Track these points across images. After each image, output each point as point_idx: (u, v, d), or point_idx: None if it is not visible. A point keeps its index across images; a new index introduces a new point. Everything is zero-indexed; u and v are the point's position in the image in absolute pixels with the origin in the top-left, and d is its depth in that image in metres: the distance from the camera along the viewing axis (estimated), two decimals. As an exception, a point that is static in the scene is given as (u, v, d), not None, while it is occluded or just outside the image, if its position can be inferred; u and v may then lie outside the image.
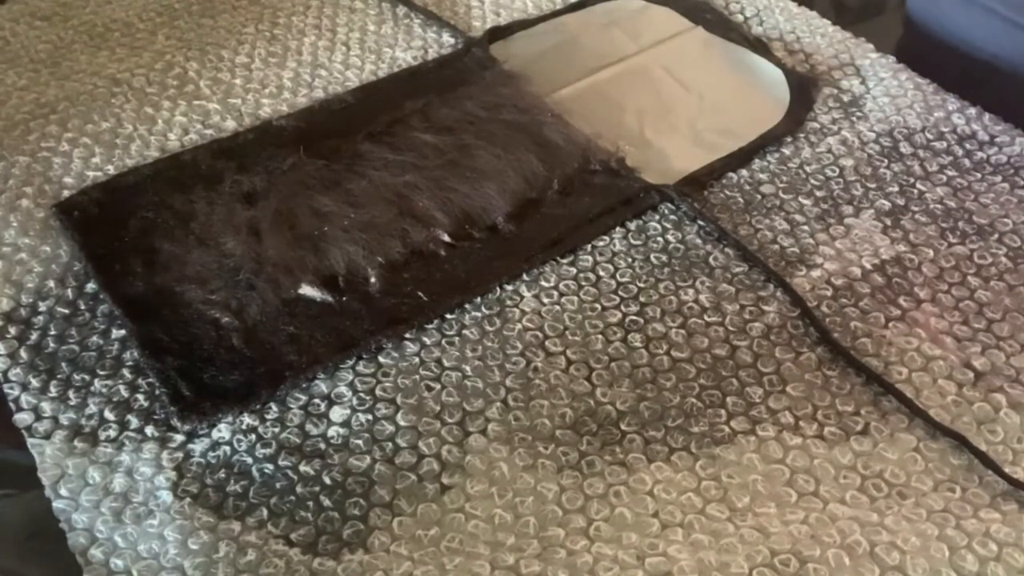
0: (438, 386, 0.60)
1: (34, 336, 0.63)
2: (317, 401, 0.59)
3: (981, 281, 0.66)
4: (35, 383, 0.60)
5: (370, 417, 0.58)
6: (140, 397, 0.60)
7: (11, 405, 0.59)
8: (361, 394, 0.60)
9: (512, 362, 0.61)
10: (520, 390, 0.60)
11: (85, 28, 0.90)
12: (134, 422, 0.58)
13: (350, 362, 0.61)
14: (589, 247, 0.69)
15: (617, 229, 0.70)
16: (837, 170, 0.75)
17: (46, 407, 0.59)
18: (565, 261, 0.68)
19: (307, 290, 0.65)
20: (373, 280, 0.65)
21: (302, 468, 0.56)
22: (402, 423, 0.58)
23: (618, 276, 0.67)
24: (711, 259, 0.68)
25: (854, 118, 0.79)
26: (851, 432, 0.57)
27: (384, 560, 0.52)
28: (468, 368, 0.61)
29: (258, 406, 0.59)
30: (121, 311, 0.63)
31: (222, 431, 0.58)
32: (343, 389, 0.60)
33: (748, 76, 0.85)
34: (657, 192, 0.72)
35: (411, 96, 0.80)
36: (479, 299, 0.65)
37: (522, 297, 0.65)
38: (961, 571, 0.51)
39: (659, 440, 0.57)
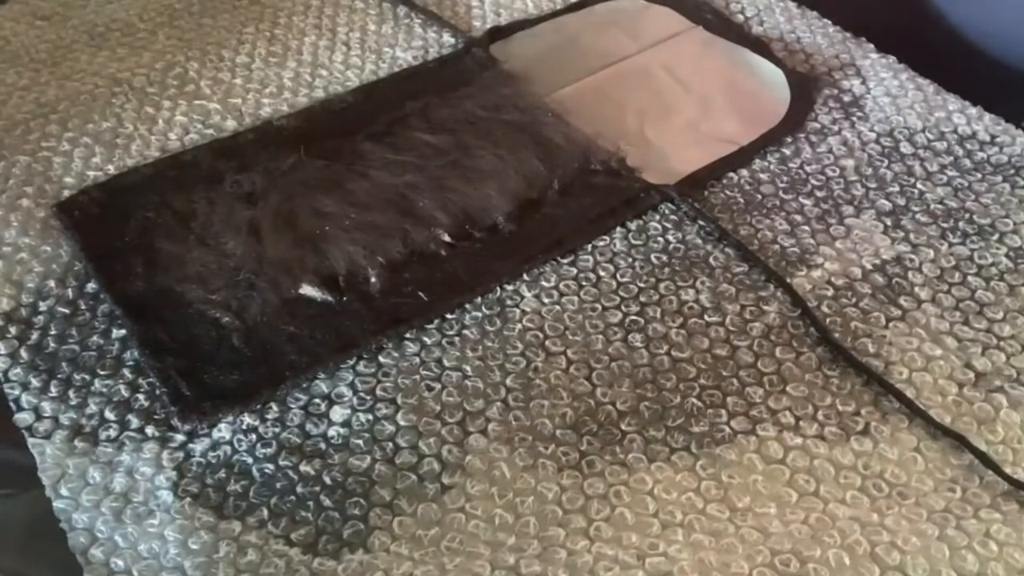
0: (438, 386, 0.60)
1: (34, 336, 0.63)
2: (317, 401, 0.59)
3: (982, 281, 0.66)
4: (35, 383, 0.60)
5: (370, 417, 0.58)
6: (140, 397, 0.60)
7: (11, 405, 0.59)
8: (361, 394, 0.60)
9: (512, 362, 0.61)
10: (520, 390, 0.60)
11: (85, 28, 0.90)
12: (134, 422, 0.58)
13: (350, 362, 0.61)
14: (589, 247, 0.69)
15: (617, 229, 0.70)
16: (837, 170, 0.75)
17: (46, 407, 0.59)
18: (565, 261, 0.68)
19: (307, 290, 0.65)
20: (373, 280, 0.65)
21: (302, 468, 0.56)
22: (402, 423, 0.58)
23: (618, 276, 0.67)
24: (711, 259, 0.68)
25: (854, 118, 0.79)
26: (851, 432, 0.57)
27: (384, 560, 0.52)
28: (468, 368, 0.61)
29: (258, 406, 0.59)
30: (121, 311, 0.63)
31: (222, 431, 0.58)
32: (343, 389, 0.60)
33: (748, 76, 0.85)
34: (657, 192, 0.72)
35: (411, 96, 0.80)
36: (479, 299, 0.65)
37: (522, 297, 0.65)
38: (961, 571, 0.51)
39: (659, 440, 0.57)
